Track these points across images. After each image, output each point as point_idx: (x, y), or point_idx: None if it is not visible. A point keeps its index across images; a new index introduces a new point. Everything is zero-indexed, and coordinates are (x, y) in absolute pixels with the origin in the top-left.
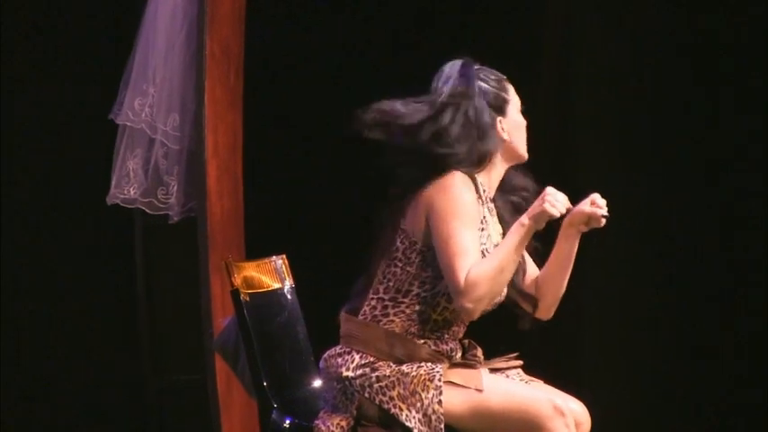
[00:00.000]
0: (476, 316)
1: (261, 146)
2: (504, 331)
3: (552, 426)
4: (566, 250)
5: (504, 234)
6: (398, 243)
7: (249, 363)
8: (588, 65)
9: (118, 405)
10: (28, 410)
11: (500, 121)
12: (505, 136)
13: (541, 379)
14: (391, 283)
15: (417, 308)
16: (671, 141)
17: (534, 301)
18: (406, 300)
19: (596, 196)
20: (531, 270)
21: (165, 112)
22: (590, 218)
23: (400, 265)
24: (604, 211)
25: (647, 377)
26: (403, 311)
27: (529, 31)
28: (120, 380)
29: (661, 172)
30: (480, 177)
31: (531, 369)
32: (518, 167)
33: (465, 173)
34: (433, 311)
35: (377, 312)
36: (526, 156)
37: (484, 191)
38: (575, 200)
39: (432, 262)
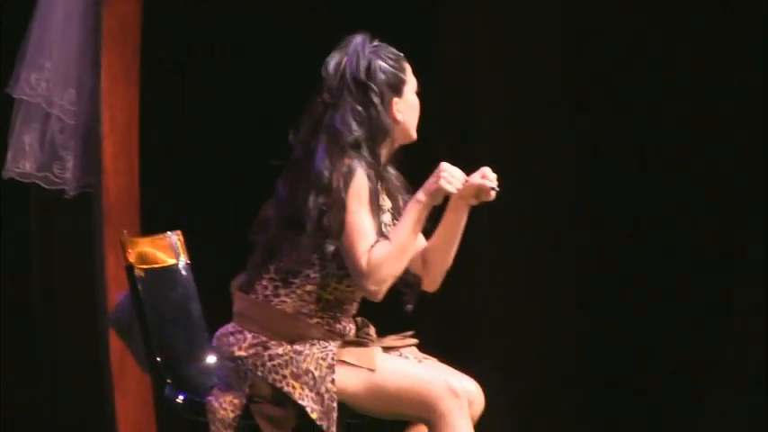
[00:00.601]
0: (380, 297)
1: (158, 122)
2: (399, 309)
3: (446, 406)
4: (454, 222)
5: (393, 208)
6: (293, 226)
7: (143, 338)
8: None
9: (12, 383)
10: None
11: (396, 102)
12: (400, 117)
13: (435, 357)
14: (282, 264)
15: (308, 288)
16: (567, 122)
17: (418, 276)
18: (296, 280)
19: (487, 170)
20: (419, 242)
21: (62, 86)
22: (480, 191)
23: (291, 245)
24: (494, 184)
25: (541, 355)
26: (294, 292)
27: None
28: (14, 358)
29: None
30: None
31: (424, 347)
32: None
33: (361, 153)
34: (324, 291)
35: (268, 293)
36: (415, 136)
37: (376, 171)
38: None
39: (321, 244)
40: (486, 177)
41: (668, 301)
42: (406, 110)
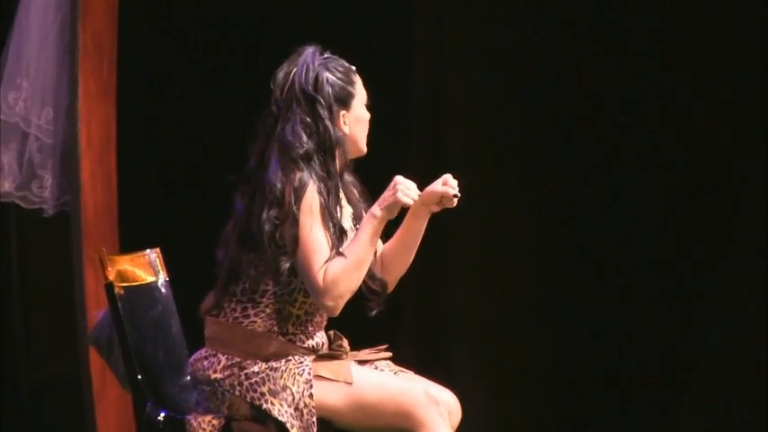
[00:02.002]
0: (337, 313)
1: (135, 139)
2: (374, 322)
3: (425, 414)
4: (413, 228)
5: (354, 216)
6: (254, 247)
7: (123, 356)
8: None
9: None
10: None
11: (343, 115)
12: (347, 130)
13: (412, 370)
14: (248, 284)
15: (276, 306)
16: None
17: (383, 281)
18: (263, 299)
19: (448, 176)
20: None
21: (40, 105)
22: (442, 197)
23: (253, 265)
24: (455, 191)
25: (516, 367)
26: (263, 311)
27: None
28: None
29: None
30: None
31: (400, 359)
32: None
33: (312, 166)
34: (293, 307)
35: (237, 314)
36: (365, 150)
37: (334, 179)
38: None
39: (277, 261)
40: (448, 184)
41: (657, 304)
42: (354, 123)
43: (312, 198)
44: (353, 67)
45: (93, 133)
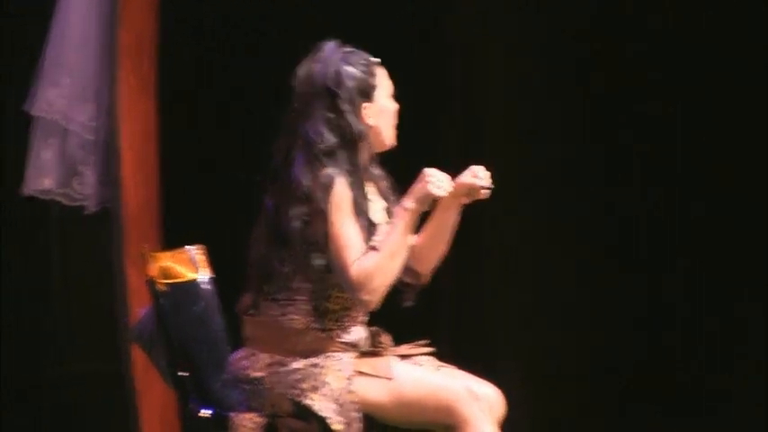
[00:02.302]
0: (374, 307)
1: (176, 135)
2: (417, 318)
3: (467, 410)
4: (444, 220)
5: (387, 209)
6: (285, 244)
7: (166, 353)
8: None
9: (35, 396)
10: None
11: (366, 108)
12: (371, 122)
13: (453, 365)
14: (282, 282)
15: (312, 302)
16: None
17: (414, 272)
18: (299, 297)
19: (477, 168)
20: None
21: (80, 102)
22: (470, 189)
23: (287, 263)
24: (484, 183)
25: (557, 362)
26: (299, 308)
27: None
28: (37, 371)
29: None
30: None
31: (443, 355)
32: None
33: (338, 161)
34: (329, 302)
35: (275, 312)
36: (389, 142)
37: (360, 172)
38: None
39: (309, 258)
40: (477, 176)
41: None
42: (378, 114)
43: (341, 193)
44: (376, 60)
45: (135, 130)
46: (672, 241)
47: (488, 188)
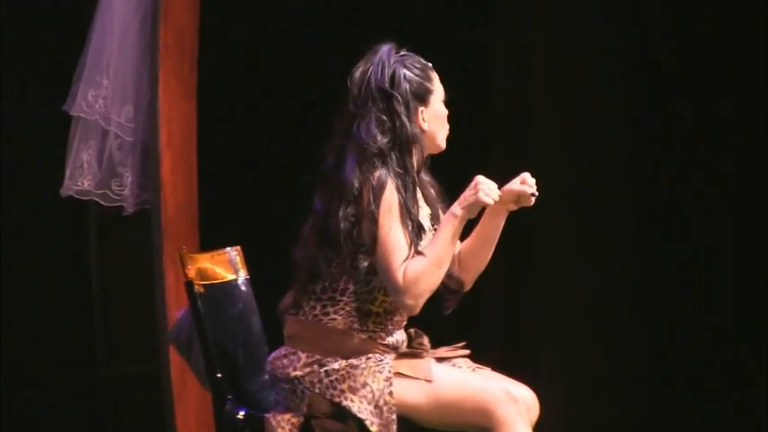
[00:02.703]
0: (416, 311)
1: (215, 137)
2: (452, 320)
3: (505, 412)
4: (492, 227)
5: (432, 216)
6: (332, 246)
7: (203, 354)
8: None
9: (72, 397)
10: None
11: (421, 111)
12: (426, 126)
13: (489, 367)
14: (327, 283)
15: (356, 304)
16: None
17: (461, 281)
18: (343, 297)
19: (526, 175)
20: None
21: (120, 103)
22: (519, 196)
23: (334, 264)
24: (533, 190)
25: (595, 365)
26: (342, 309)
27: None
28: (75, 372)
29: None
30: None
31: (478, 356)
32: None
33: (389, 164)
34: (372, 305)
35: (317, 312)
36: (443, 146)
37: (411, 176)
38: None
39: (355, 260)
40: (526, 183)
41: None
42: (433, 119)
43: (391, 196)
44: (430, 64)
45: (174, 131)
46: (716, 247)
47: (535, 195)
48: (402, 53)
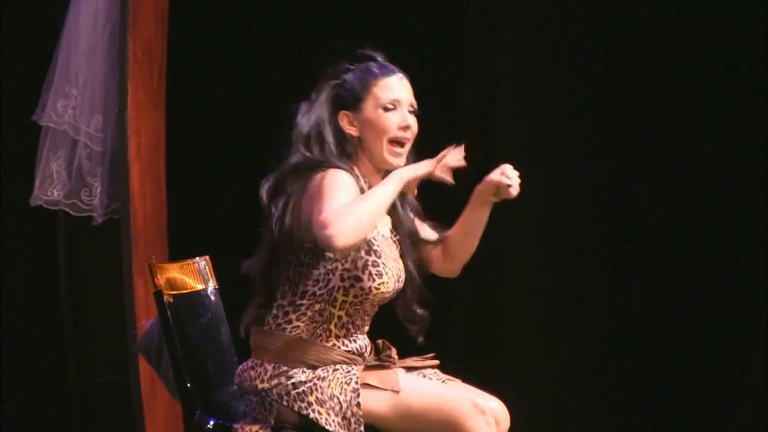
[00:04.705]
0: (339, 245)
1: (183, 148)
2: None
3: (472, 423)
4: (474, 217)
5: (392, 224)
6: (286, 245)
7: (172, 364)
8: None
9: (41, 407)
10: None
11: (346, 115)
12: (354, 131)
13: (459, 378)
14: (287, 288)
15: (317, 307)
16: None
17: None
18: (304, 301)
19: (507, 167)
20: (428, 235)
21: (89, 113)
22: (498, 188)
23: (291, 267)
24: (510, 182)
25: (565, 374)
26: (304, 314)
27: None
28: (43, 382)
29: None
30: (357, 171)
31: (448, 368)
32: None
33: (338, 166)
34: (333, 307)
35: (280, 320)
36: (388, 160)
37: (364, 180)
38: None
39: (321, 257)
40: (505, 174)
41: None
42: (364, 125)
43: (338, 179)
44: (393, 73)
45: (143, 141)
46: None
47: (512, 186)
48: (373, 61)
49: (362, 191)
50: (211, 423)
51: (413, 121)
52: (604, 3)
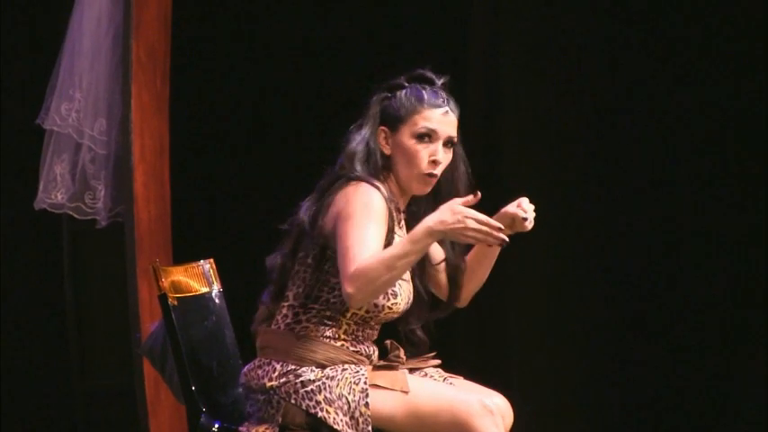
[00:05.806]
0: (354, 304)
1: (187, 150)
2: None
3: (481, 424)
4: (485, 248)
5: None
6: (308, 249)
7: (177, 367)
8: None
9: (45, 409)
10: None
11: (384, 131)
12: (387, 150)
13: (461, 375)
14: (301, 289)
15: (328, 313)
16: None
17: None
18: (316, 305)
19: (524, 200)
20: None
21: (92, 116)
22: (514, 220)
23: (310, 270)
24: (526, 215)
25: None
26: (315, 316)
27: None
28: (47, 384)
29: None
30: (388, 188)
31: (451, 363)
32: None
33: (373, 183)
34: (344, 317)
35: (289, 320)
36: (415, 188)
37: (393, 201)
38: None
39: (323, 253)
40: (522, 207)
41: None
42: (396, 148)
43: (369, 202)
44: (443, 105)
45: (147, 144)
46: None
47: (527, 220)
48: (435, 86)
49: (391, 214)
50: (216, 426)
51: (443, 157)
52: (609, 3)
